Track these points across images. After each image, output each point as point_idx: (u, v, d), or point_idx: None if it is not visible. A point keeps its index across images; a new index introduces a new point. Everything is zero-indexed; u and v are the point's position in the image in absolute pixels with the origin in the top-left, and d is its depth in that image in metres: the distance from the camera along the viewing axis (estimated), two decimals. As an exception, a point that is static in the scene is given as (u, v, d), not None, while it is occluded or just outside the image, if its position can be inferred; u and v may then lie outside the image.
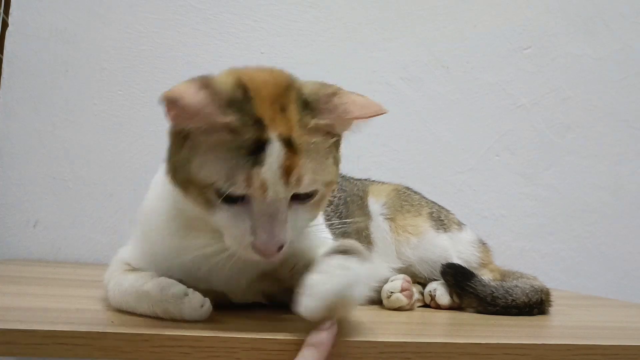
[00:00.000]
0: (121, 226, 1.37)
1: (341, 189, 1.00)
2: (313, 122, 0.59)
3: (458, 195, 1.55)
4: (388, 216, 1.00)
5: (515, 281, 0.96)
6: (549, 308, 0.93)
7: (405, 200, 1.04)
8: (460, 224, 1.07)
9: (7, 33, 1.37)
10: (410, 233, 0.98)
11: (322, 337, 0.56)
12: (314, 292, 0.55)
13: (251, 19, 1.46)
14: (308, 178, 0.58)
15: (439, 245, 0.98)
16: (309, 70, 1.69)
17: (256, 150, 0.56)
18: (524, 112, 1.61)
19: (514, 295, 0.88)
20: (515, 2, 1.62)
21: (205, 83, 0.57)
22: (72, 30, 1.39)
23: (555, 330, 0.85)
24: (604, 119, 1.64)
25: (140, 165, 1.38)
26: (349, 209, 0.97)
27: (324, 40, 1.51)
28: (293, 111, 0.58)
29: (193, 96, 0.54)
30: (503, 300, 0.88)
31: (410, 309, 0.89)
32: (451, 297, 0.92)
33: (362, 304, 0.60)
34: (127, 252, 0.75)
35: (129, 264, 0.73)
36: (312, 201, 0.61)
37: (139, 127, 1.38)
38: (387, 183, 1.12)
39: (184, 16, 1.43)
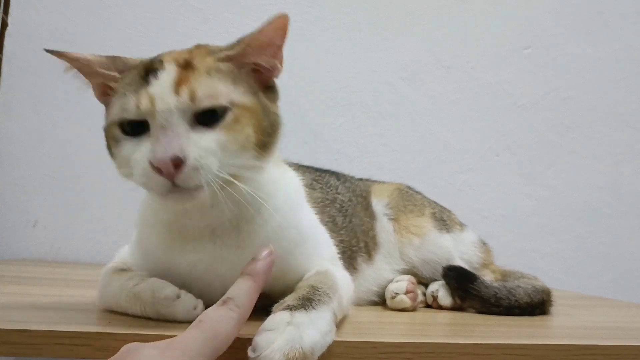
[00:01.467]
0: (121, 226, 1.37)
1: (345, 188, 1.00)
2: (223, 53, 0.62)
3: (458, 195, 1.55)
4: (392, 217, 1.00)
5: (517, 281, 0.96)
6: (551, 308, 0.93)
7: (408, 200, 1.04)
8: (462, 225, 1.07)
9: (7, 33, 1.37)
10: (413, 234, 0.98)
11: (258, 266, 0.55)
12: (264, 355, 0.51)
13: (251, 19, 1.46)
14: (204, 91, 0.57)
15: (442, 245, 0.97)
16: (309, 70, 1.68)
17: (147, 77, 0.59)
18: (524, 112, 1.61)
19: (517, 296, 0.88)
20: (515, 2, 1.62)
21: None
22: (72, 30, 1.39)
23: (555, 331, 0.85)
24: (604, 119, 1.64)
25: (140, 165, 1.37)
26: (355, 209, 0.96)
27: (324, 40, 1.50)
28: (204, 50, 0.63)
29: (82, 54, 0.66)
30: (506, 301, 0.88)
31: (414, 310, 0.89)
32: (453, 298, 0.91)
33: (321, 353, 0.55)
34: (126, 250, 0.75)
35: (125, 263, 0.73)
36: (223, 123, 0.58)
37: (139, 127, 1.38)
38: (388, 183, 1.12)
39: (184, 16, 1.43)
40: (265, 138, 0.62)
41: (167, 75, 0.58)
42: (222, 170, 0.58)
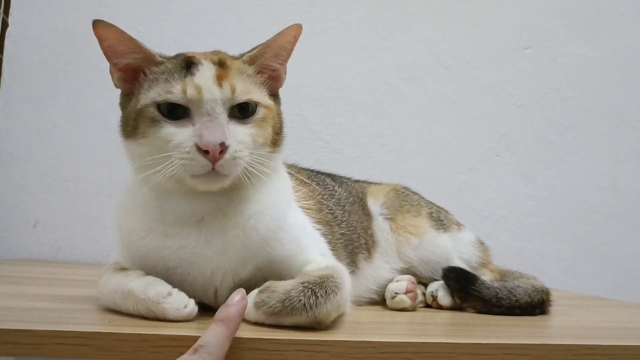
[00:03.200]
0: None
1: (342, 188, 1.00)
2: (246, 55, 0.70)
3: (458, 195, 1.55)
4: (388, 216, 1.00)
5: (516, 281, 0.97)
6: (550, 308, 0.93)
7: (404, 200, 1.04)
8: (459, 224, 1.07)
9: (7, 33, 1.37)
10: (410, 233, 0.98)
11: (230, 312, 0.55)
12: None
13: (251, 19, 1.46)
14: (241, 87, 0.64)
15: (440, 245, 0.98)
16: (309, 71, 1.68)
17: (188, 68, 0.65)
18: (524, 112, 1.61)
19: (517, 296, 0.88)
20: (515, 2, 1.62)
21: None
22: (72, 30, 1.39)
23: (555, 331, 0.85)
24: (604, 119, 1.64)
25: (140, 165, 1.38)
26: (352, 207, 0.97)
27: (324, 40, 1.50)
28: (224, 54, 0.71)
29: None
30: (507, 301, 0.88)
31: (413, 309, 0.89)
32: (453, 297, 0.92)
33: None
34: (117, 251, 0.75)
35: (119, 262, 0.73)
36: (255, 119, 0.66)
37: (139, 127, 1.38)
38: (384, 184, 1.12)
39: (184, 16, 1.43)
40: (276, 136, 0.70)
41: (208, 70, 0.64)
42: (250, 161, 0.64)
